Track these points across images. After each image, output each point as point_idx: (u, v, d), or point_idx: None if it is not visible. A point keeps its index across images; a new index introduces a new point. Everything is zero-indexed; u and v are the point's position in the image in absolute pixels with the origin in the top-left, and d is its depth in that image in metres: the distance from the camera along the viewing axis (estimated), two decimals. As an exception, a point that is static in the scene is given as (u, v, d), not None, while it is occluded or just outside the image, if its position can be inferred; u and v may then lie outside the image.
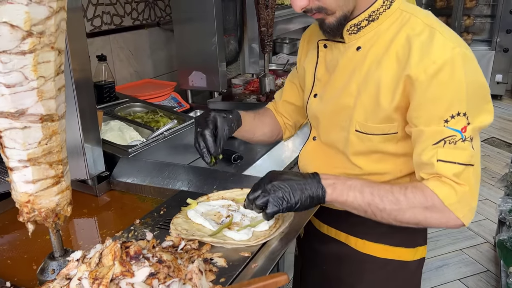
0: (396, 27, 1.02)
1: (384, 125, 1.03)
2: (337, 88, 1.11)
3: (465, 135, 0.93)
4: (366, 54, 1.04)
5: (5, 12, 0.69)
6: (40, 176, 0.82)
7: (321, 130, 1.19)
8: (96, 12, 2.11)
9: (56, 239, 0.92)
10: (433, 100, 0.94)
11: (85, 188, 1.38)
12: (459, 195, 0.94)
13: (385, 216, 0.97)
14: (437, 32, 0.96)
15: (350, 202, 0.97)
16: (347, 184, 0.98)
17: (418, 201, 0.95)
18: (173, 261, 0.83)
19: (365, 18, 1.04)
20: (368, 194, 0.96)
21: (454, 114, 0.93)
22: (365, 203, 0.97)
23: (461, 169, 0.94)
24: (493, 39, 5.95)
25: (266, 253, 0.95)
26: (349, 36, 1.07)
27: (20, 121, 0.77)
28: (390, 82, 0.99)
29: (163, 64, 2.58)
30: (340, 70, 1.10)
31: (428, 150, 0.95)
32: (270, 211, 0.93)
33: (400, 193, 0.96)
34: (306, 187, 0.95)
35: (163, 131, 1.58)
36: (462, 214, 0.95)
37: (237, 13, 2.60)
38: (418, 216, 0.96)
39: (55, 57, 0.77)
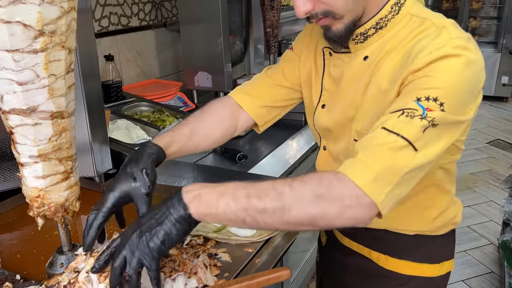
0: (405, 33, 0.93)
1: None
2: (344, 100, 1.03)
3: (427, 114, 0.77)
4: (373, 64, 0.96)
5: (18, 12, 0.71)
6: (50, 172, 0.85)
7: (331, 140, 1.12)
8: (104, 12, 2.14)
9: (65, 234, 0.94)
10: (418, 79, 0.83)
11: (92, 185, 1.40)
12: (373, 170, 0.73)
13: (268, 220, 0.73)
14: (444, 30, 0.87)
15: (221, 212, 0.74)
16: (217, 191, 0.75)
17: (308, 188, 0.73)
18: (179, 256, 0.86)
19: (372, 26, 0.95)
20: (243, 197, 0.74)
21: (431, 97, 0.79)
22: (240, 209, 0.73)
23: (398, 142, 0.76)
24: (499, 41, 5.93)
25: (269, 249, 0.97)
26: (356, 45, 0.99)
27: (31, 117, 0.79)
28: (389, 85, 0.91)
29: (169, 65, 2.60)
30: (347, 81, 1.02)
31: (382, 119, 0.81)
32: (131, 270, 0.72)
33: (285, 184, 0.74)
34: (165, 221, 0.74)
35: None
36: (377, 194, 0.73)
37: (243, 14, 2.62)
38: (310, 209, 0.72)
39: (66, 55, 0.80)
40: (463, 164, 4.26)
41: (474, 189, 3.82)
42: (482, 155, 4.48)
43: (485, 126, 5.27)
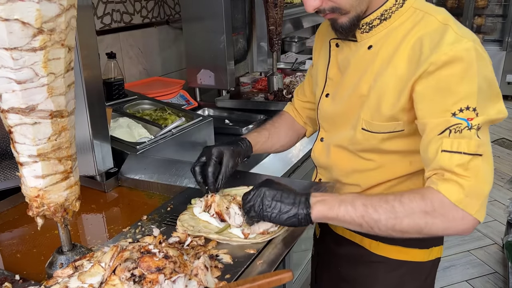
0: (409, 25, 0.99)
1: (389, 123, 1.02)
2: (348, 88, 1.10)
3: (472, 123, 0.87)
4: (377, 53, 1.03)
5: (17, 9, 0.70)
6: (50, 171, 0.84)
7: (331, 129, 1.19)
8: (106, 10, 2.13)
9: (65, 234, 0.93)
10: (440, 91, 0.90)
11: (93, 184, 1.39)
12: (467, 189, 0.86)
13: (382, 227, 0.89)
14: (449, 28, 0.93)
15: (341, 216, 0.91)
16: (338, 199, 0.92)
17: (416, 205, 0.87)
18: (179, 257, 0.84)
19: (377, 17, 1.02)
20: (360, 205, 0.90)
21: (463, 108, 0.88)
22: (358, 216, 0.90)
23: (467, 159, 0.86)
24: (504, 39, 5.90)
25: (271, 250, 0.95)
26: (361, 35, 1.06)
27: (30, 117, 0.78)
28: (399, 82, 0.97)
29: (172, 62, 2.59)
30: (352, 69, 1.09)
31: (433, 143, 0.90)
32: (250, 216, 0.96)
33: (395, 200, 0.89)
34: (289, 206, 0.92)
35: (171, 128, 1.59)
36: (475, 210, 0.86)
37: (246, 12, 2.61)
38: (418, 222, 0.87)
39: (65, 54, 0.78)
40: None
41: (478, 188, 3.80)
42: (487, 154, 4.46)
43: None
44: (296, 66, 3.11)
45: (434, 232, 0.89)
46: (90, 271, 0.82)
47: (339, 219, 0.92)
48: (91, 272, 0.82)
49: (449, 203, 0.86)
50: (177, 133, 1.60)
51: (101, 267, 0.82)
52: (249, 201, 0.95)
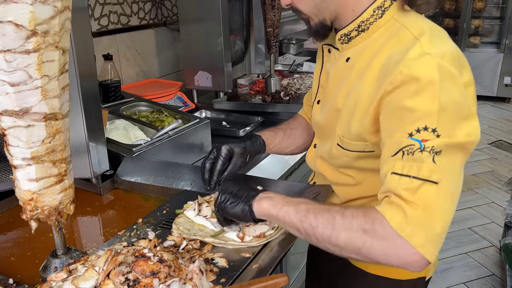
0: (385, 39, 0.93)
1: (358, 143, 0.98)
2: (330, 99, 1.07)
3: (425, 145, 0.78)
4: (353, 66, 0.98)
5: (10, 11, 0.69)
6: (44, 174, 0.83)
7: (320, 138, 1.19)
8: (103, 11, 2.12)
9: (59, 237, 0.93)
10: (396, 111, 0.83)
11: (89, 186, 1.38)
12: (409, 217, 0.76)
13: (318, 236, 0.84)
14: (417, 43, 0.85)
15: (281, 216, 0.89)
16: (286, 200, 0.91)
17: (356, 222, 0.80)
18: (174, 261, 0.84)
19: (354, 29, 0.97)
20: (303, 210, 0.87)
21: (420, 128, 0.79)
22: (297, 220, 0.86)
23: (417, 184, 0.77)
24: (501, 41, 5.90)
25: (267, 253, 0.95)
26: (342, 45, 1.02)
27: (24, 119, 0.77)
28: (366, 100, 0.91)
29: (169, 64, 2.58)
30: (332, 80, 1.07)
31: (386, 164, 0.83)
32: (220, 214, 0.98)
33: (339, 212, 0.83)
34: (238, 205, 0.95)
35: (167, 130, 1.58)
36: (419, 243, 0.76)
37: (243, 14, 2.60)
38: (355, 240, 0.80)
39: (59, 56, 0.78)
40: (465, 165, 4.23)
41: (475, 190, 3.80)
42: (484, 156, 4.46)
43: (487, 126, 5.24)
44: (294, 68, 3.10)
45: (373, 255, 0.80)
46: (84, 275, 0.82)
47: (279, 219, 0.90)
48: (85, 276, 0.81)
49: (390, 228, 0.77)
50: (173, 135, 1.59)
51: (95, 271, 0.81)
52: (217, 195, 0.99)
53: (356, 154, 1.00)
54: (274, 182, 1.25)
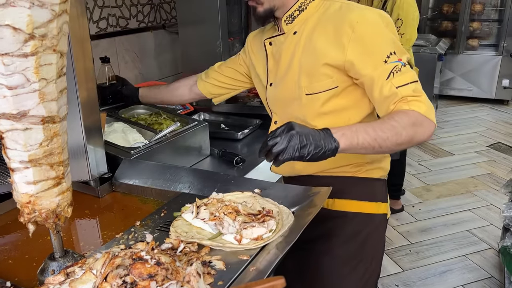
0: (321, 11, 1.27)
1: (324, 82, 1.24)
2: (284, 70, 1.32)
3: (403, 61, 1.17)
4: (301, 35, 1.28)
5: (8, 15, 0.70)
6: (41, 177, 0.83)
7: (280, 110, 1.39)
8: (102, 14, 2.13)
9: (57, 240, 0.93)
10: (370, 52, 1.17)
11: (87, 189, 1.38)
12: (424, 103, 1.14)
13: (389, 144, 1.11)
14: (350, 4, 1.25)
15: (361, 143, 1.10)
16: (353, 130, 1.10)
17: (405, 120, 1.11)
18: (172, 264, 0.84)
19: (296, 9, 1.28)
20: (371, 130, 1.10)
21: (388, 54, 1.16)
22: (372, 139, 1.10)
23: (414, 85, 1.15)
24: (500, 44, 5.91)
25: (265, 256, 0.95)
26: (287, 26, 1.31)
27: (21, 122, 0.77)
28: (323, 47, 1.22)
29: (168, 66, 2.59)
30: (284, 55, 1.32)
31: (385, 85, 1.15)
32: (282, 159, 1.03)
33: (391, 120, 1.12)
34: (321, 142, 1.05)
35: (165, 133, 1.59)
36: (432, 117, 1.15)
37: (242, 16, 2.61)
38: (411, 133, 1.11)
39: (57, 59, 0.78)
40: (463, 167, 4.24)
41: (474, 192, 3.81)
42: (483, 158, 4.46)
43: (485, 129, 5.25)
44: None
45: (419, 138, 1.14)
46: (82, 278, 0.82)
47: (359, 147, 1.10)
48: (82, 279, 0.81)
49: (420, 115, 1.12)
50: (172, 138, 1.59)
51: (92, 274, 0.81)
52: (280, 145, 1.03)
53: (325, 95, 1.26)
54: (272, 185, 1.25)
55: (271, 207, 1.10)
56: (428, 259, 2.96)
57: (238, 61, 1.58)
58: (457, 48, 6.08)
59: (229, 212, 1.05)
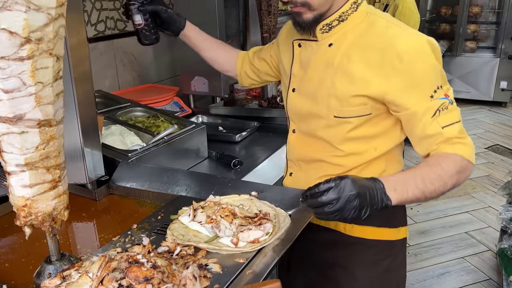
0: (364, 26, 1.17)
1: (358, 108, 1.16)
2: (313, 82, 1.23)
3: (451, 99, 1.11)
4: (337, 49, 1.18)
5: (4, 19, 0.70)
6: (37, 181, 0.83)
7: (301, 121, 1.31)
8: (100, 17, 2.13)
9: (53, 243, 0.93)
10: (417, 85, 1.10)
11: (84, 192, 1.38)
12: (468, 146, 1.10)
13: (434, 195, 1.08)
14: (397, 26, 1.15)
15: (409, 198, 1.06)
16: (404, 182, 1.06)
17: (452, 169, 1.07)
18: (168, 267, 0.84)
19: (335, 19, 1.18)
20: (420, 182, 1.06)
21: (435, 89, 1.10)
22: (421, 192, 1.06)
23: (459, 126, 1.11)
24: (497, 46, 5.93)
25: (261, 259, 0.95)
26: (322, 34, 1.20)
27: (17, 126, 0.77)
28: (363, 75, 1.13)
29: (165, 69, 2.59)
30: (314, 65, 1.23)
31: (430, 124, 1.09)
32: (333, 218, 0.98)
33: (438, 169, 1.07)
34: (376, 201, 1.00)
35: (163, 136, 1.59)
36: (474, 157, 1.11)
37: (240, 19, 2.61)
38: (455, 181, 1.08)
39: (53, 63, 0.78)
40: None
41: (472, 194, 3.81)
42: (481, 160, 4.47)
43: (483, 131, 5.26)
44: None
45: (459, 184, 1.11)
46: (78, 281, 0.82)
47: (408, 201, 1.07)
48: (78, 282, 0.81)
49: (464, 159, 1.09)
50: (169, 140, 1.60)
51: (88, 278, 0.81)
52: (335, 205, 0.96)
53: (355, 121, 1.18)
54: (269, 188, 1.25)
55: (268, 210, 1.10)
56: (426, 261, 2.96)
57: (270, 51, 1.50)
58: (455, 51, 6.10)
59: (226, 215, 1.05)
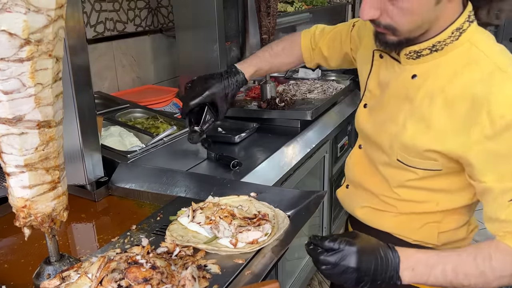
0: (461, 63, 0.93)
1: (426, 162, 0.99)
2: (385, 111, 1.07)
3: None
4: (421, 85, 0.98)
5: (4, 20, 0.70)
6: (37, 182, 0.83)
7: (367, 143, 1.17)
8: (99, 18, 2.13)
9: (52, 244, 0.93)
10: (504, 156, 0.89)
11: (83, 193, 1.38)
12: None
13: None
14: (509, 80, 0.88)
15: (430, 283, 0.92)
16: (428, 265, 0.91)
17: (507, 269, 0.89)
18: (167, 267, 0.84)
19: (428, 47, 0.96)
20: (450, 272, 0.90)
21: None
22: (448, 282, 0.91)
23: None
24: (497, 48, 5.95)
25: (260, 260, 0.95)
26: (407, 60, 1.00)
27: (17, 127, 0.78)
28: (442, 127, 0.94)
29: (165, 70, 2.59)
30: (391, 92, 1.05)
31: (505, 208, 0.90)
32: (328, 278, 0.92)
33: (485, 265, 0.89)
34: (380, 276, 0.89)
35: (162, 137, 1.59)
36: None
37: (239, 20, 2.62)
38: (505, 282, 0.90)
39: (53, 64, 0.79)
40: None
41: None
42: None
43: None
44: (289, 74, 3.11)
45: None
46: (77, 282, 0.82)
47: (427, 284, 0.93)
48: (78, 283, 0.82)
49: None
50: (168, 141, 1.60)
51: (88, 278, 0.81)
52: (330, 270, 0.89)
53: (419, 171, 1.02)
54: (268, 189, 1.25)
55: (267, 211, 1.11)
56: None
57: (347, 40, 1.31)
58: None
59: (224, 216, 1.06)
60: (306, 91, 2.55)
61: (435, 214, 1.09)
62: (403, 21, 0.90)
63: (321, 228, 2.72)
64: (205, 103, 1.25)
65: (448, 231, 1.11)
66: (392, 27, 0.92)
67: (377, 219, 1.15)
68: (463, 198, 1.05)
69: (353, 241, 0.88)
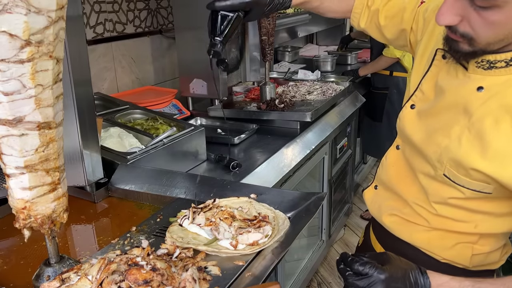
0: None
1: (476, 183, 0.92)
2: (437, 118, 0.98)
3: None
4: (487, 100, 0.87)
5: (4, 22, 0.70)
6: (37, 183, 0.83)
7: (408, 146, 1.09)
8: (99, 19, 2.13)
9: (52, 246, 0.93)
10: None
11: (83, 194, 1.38)
12: None
13: None
14: None
15: None
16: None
17: None
18: (167, 269, 0.84)
19: (504, 60, 0.85)
20: None
21: None
22: None
23: None
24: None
25: (260, 262, 0.95)
26: (476, 69, 0.90)
27: (17, 128, 0.77)
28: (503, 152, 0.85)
29: (164, 71, 2.59)
30: (448, 99, 0.95)
31: None
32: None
33: None
34: None
35: (162, 138, 1.59)
36: None
37: (238, 22, 2.62)
38: None
39: (53, 65, 0.78)
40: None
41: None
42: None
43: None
44: (289, 75, 3.12)
45: None
46: (77, 284, 0.82)
47: None
48: (78, 285, 0.81)
49: None
50: (168, 142, 1.59)
51: (88, 280, 0.81)
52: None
53: (466, 191, 0.94)
54: (268, 190, 1.25)
55: (267, 213, 1.10)
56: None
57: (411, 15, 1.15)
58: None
59: (225, 217, 1.06)
60: (306, 93, 2.55)
61: (470, 235, 1.02)
62: (485, 33, 0.81)
63: (320, 229, 2.72)
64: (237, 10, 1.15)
65: (482, 254, 1.04)
66: (470, 36, 0.83)
67: (406, 230, 1.09)
68: (506, 224, 0.99)
69: (383, 267, 0.83)
